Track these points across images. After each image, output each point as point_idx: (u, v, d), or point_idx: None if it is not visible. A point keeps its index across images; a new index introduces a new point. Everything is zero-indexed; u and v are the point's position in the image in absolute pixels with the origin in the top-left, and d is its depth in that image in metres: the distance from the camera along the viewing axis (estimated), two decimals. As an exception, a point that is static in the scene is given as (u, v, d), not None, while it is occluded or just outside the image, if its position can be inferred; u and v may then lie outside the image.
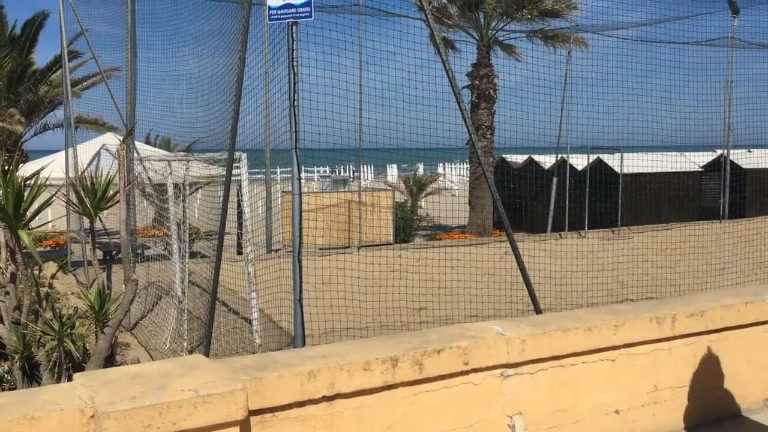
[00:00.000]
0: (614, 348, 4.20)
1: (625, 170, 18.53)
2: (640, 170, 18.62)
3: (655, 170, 19.06)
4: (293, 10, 5.42)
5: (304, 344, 5.69)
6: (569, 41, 18.01)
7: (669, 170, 19.34)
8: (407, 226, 18.91)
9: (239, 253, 12.15)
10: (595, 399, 4.18)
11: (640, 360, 4.30)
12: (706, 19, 17.36)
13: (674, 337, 4.41)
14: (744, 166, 19.69)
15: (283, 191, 16.22)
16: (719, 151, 20.11)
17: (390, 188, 20.60)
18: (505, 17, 18.84)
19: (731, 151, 19.27)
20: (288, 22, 5.56)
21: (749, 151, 19.96)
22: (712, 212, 19.40)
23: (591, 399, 4.18)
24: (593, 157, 19.43)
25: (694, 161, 21.24)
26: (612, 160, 19.37)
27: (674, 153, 19.90)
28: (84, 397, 2.75)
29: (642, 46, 17.52)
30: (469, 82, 18.95)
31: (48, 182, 6.05)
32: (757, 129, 18.33)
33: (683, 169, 20.38)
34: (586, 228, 17.73)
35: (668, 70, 17.97)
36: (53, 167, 12.31)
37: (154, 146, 19.56)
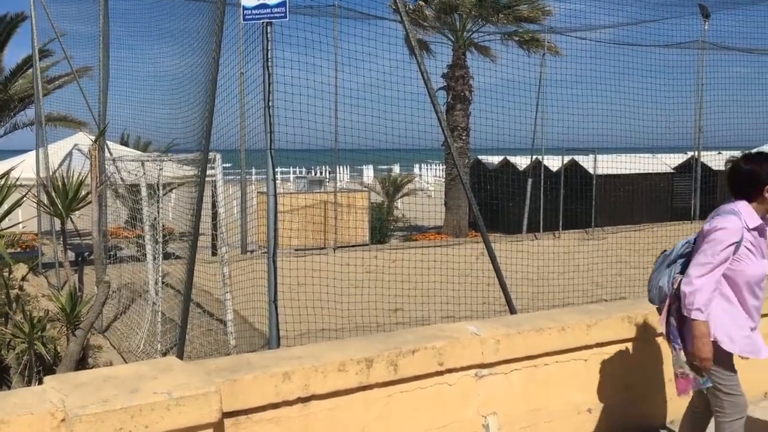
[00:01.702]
0: (587, 347, 4.24)
1: (599, 171, 18.72)
2: (614, 172, 18.84)
3: (628, 171, 19.29)
4: (268, 11, 5.40)
5: (278, 346, 5.67)
6: (543, 47, 18.16)
7: (642, 172, 19.58)
8: (383, 227, 18.92)
9: (214, 254, 12.06)
10: (568, 398, 4.22)
11: (612, 359, 4.36)
12: (678, 22, 17.64)
13: (646, 337, 4.46)
14: (714, 168, 20.00)
15: (258, 192, 16.14)
16: (690, 153, 20.41)
17: (366, 189, 20.59)
18: (480, 20, 18.94)
19: (702, 153, 19.57)
20: (263, 23, 5.53)
21: (719, 153, 20.27)
22: (683, 213, 19.68)
23: (564, 398, 4.21)
24: (567, 158, 19.60)
25: (666, 163, 21.54)
26: (586, 162, 19.56)
27: (647, 155, 20.16)
28: (54, 400, 2.72)
29: (615, 49, 17.72)
30: (445, 84, 19.02)
31: (18, 183, 5.96)
32: (727, 131, 18.64)
33: (655, 171, 20.66)
34: (561, 229, 17.88)
35: (641, 73, 18.24)
36: (23, 167, 12.12)
37: (129, 146, 19.34)
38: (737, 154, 4.10)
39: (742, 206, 3.54)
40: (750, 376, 3.94)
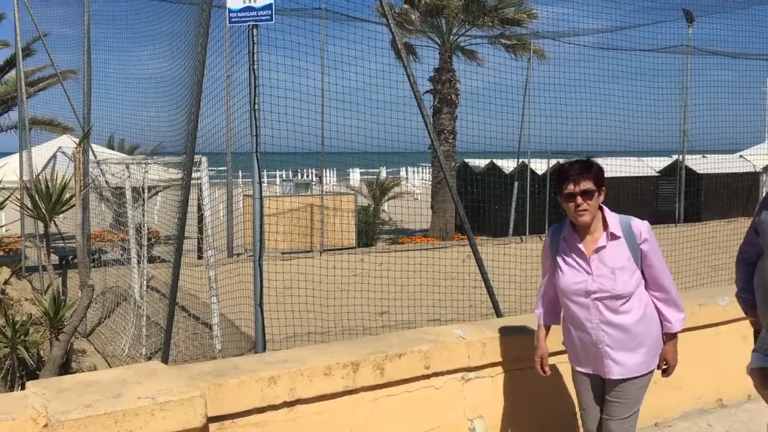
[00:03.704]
0: (573, 350, 4.24)
1: (585, 175, 18.79)
2: (599, 175, 18.91)
3: (613, 175, 19.40)
4: (254, 13, 5.38)
5: (264, 349, 5.64)
6: (530, 51, 18.25)
7: (627, 175, 19.71)
8: (370, 230, 18.91)
9: (200, 257, 12.00)
10: (561, 402, 4.22)
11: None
12: (663, 27, 17.78)
13: (631, 339, 4.47)
14: (699, 172, 20.17)
15: (244, 195, 16.08)
16: (675, 157, 20.57)
17: (352, 192, 20.57)
18: (467, 24, 19.01)
19: (687, 157, 19.73)
20: (249, 26, 5.52)
21: (704, 157, 20.44)
22: (668, 216, 19.81)
23: (557, 402, 4.22)
24: (554, 161, 19.69)
25: (651, 166, 21.69)
26: (571, 165, 19.63)
27: (632, 158, 20.28)
28: (37, 405, 2.69)
29: (601, 53, 17.86)
30: (432, 87, 19.07)
31: (1, 185, 5.91)
32: (712, 135, 18.79)
33: (640, 174, 20.80)
34: (547, 231, 17.93)
35: (627, 77, 18.35)
36: (6, 170, 12.01)
37: (115, 150, 19.23)
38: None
39: None
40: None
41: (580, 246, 3.39)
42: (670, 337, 3.43)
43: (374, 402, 3.58)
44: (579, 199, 3.32)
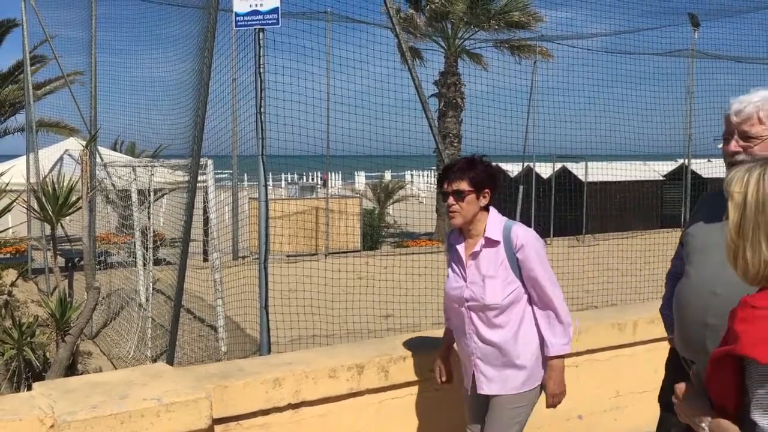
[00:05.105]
0: (577, 354, 4.25)
1: (590, 179, 18.80)
2: (605, 179, 18.93)
3: (618, 179, 19.39)
4: (260, 17, 5.41)
5: (269, 352, 5.65)
6: (535, 53, 18.27)
7: (632, 179, 19.68)
8: (375, 233, 18.93)
9: (205, 259, 12.03)
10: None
11: (602, 366, 4.37)
12: (668, 31, 17.77)
13: (635, 343, 4.48)
14: (704, 176, 20.12)
15: (250, 198, 16.12)
16: (680, 161, 20.54)
17: (357, 195, 20.61)
18: (472, 27, 19.04)
19: (692, 161, 19.70)
20: (255, 29, 5.54)
21: (709, 161, 20.41)
22: (674, 220, 19.78)
23: (554, 405, 4.22)
24: (559, 165, 19.68)
25: (657, 170, 21.66)
26: (577, 169, 19.65)
27: (637, 162, 20.27)
28: (43, 406, 2.71)
29: (606, 57, 17.83)
30: (437, 91, 19.09)
31: (8, 188, 5.94)
32: (717, 139, 18.73)
33: (646, 178, 20.77)
34: (552, 235, 17.94)
35: (632, 81, 18.31)
36: (14, 173, 12.06)
37: (121, 152, 19.31)
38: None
39: None
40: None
41: (459, 250, 3.19)
42: (551, 361, 3.08)
43: (379, 404, 3.59)
44: (450, 200, 3.11)
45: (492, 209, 3.22)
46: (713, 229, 2.53)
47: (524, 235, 3.12)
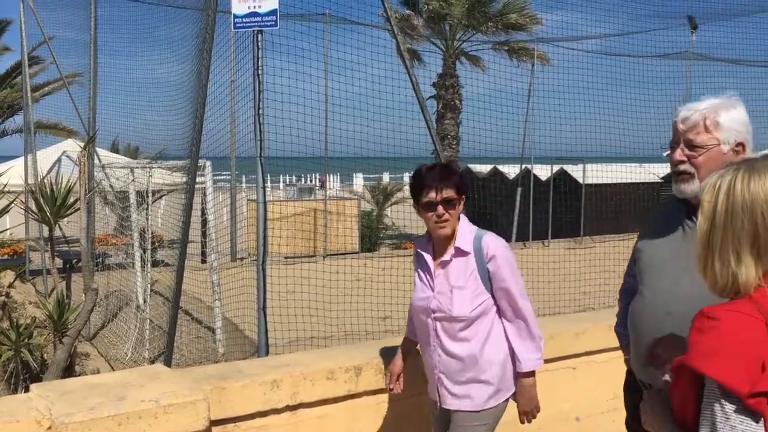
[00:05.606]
0: (575, 356, 4.26)
1: (588, 181, 18.83)
2: (603, 181, 18.96)
3: (616, 181, 19.42)
4: (258, 19, 5.41)
5: (267, 354, 5.66)
6: (533, 56, 18.30)
7: (629, 181, 19.72)
8: (373, 235, 18.93)
9: (203, 261, 12.03)
10: (556, 406, 4.23)
11: (600, 367, 4.37)
12: (666, 33, 17.81)
13: (633, 345, 4.48)
14: (702, 178, 20.14)
15: (248, 199, 16.12)
16: (678, 163, 20.54)
17: (356, 197, 20.61)
18: (470, 29, 19.06)
19: (690, 163, 19.70)
20: (253, 31, 5.55)
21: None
22: (671, 222, 19.78)
23: (552, 406, 4.22)
24: (557, 167, 19.71)
25: (654, 172, 21.68)
26: (575, 171, 19.67)
27: (635, 164, 20.29)
28: (41, 408, 2.70)
29: (604, 59, 17.86)
30: (435, 92, 19.10)
31: (6, 189, 5.93)
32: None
33: (643, 180, 20.79)
34: (550, 237, 17.96)
35: (630, 83, 18.39)
36: (12, 174, 12.03)
37: (119, 154, 19.29)
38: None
39: None
40: None
41: (428, 259, 3.05)
42: (522, 377, 2.97)
43: (377, 406, 3.59)
44: (440, 209, 2.92)
45: (462, 216, 3.07)
46: (664, 243, 2.47)
47: (495, 245, 2.96)
